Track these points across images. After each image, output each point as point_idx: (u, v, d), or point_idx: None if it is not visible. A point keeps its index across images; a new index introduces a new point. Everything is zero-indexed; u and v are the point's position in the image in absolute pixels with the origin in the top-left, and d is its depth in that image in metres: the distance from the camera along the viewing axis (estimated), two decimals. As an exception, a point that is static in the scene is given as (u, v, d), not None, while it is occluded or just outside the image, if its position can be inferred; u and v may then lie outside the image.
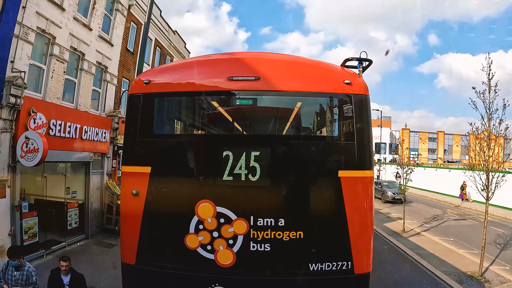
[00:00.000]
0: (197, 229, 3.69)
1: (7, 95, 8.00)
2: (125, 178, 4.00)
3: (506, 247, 13.00)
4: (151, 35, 16.89)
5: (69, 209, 11.15)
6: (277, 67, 4.01)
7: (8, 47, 8.19)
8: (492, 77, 9.83)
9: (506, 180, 10.38)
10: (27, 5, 8.64)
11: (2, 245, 8.12)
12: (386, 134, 62.06)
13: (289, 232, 3.62)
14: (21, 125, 8.57)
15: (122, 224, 4.05)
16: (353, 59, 4.08)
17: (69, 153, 10.82)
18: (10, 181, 8.44)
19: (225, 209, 3.66)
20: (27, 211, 9.15)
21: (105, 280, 8.20)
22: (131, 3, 14.55)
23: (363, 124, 3.77)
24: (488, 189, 10.15)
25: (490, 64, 9.83)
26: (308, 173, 3.79)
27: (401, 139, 27.08)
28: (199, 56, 4.86)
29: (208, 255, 3.70)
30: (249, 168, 3.64)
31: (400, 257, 11.63)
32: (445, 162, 62.50)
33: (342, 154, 3.79)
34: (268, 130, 4.91)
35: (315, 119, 4.61)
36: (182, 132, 5.12)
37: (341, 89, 3.83)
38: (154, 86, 3.98)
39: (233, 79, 3.81)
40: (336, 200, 3.63)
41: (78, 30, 10.98)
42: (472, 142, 11.42)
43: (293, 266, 3.73)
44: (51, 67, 9.93)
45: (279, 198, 3.76)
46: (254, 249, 3.64)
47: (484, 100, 9.90)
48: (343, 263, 3.66)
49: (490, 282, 9.56)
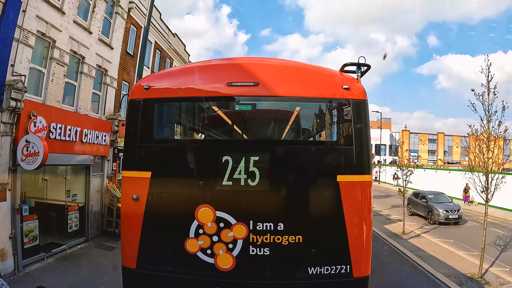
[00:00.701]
0: (197, 234, 3.72)
1: (7, 99, 8.02)
2: (125, 183, 4.03)
3: (506, 248, 13.01)
4: (151, 37, 16.94)
5: (69, 212, 11.16)
6: (276, 73, 4.04)
7: (9, 50, 8.22)
8: (491, 79, 9.86)
9: (505, 182, 10.40)
10: (27, 8, 8.68)
11: (2, 248, 8.14)
12: (386, 136, 62.07)
13: (288, 236, 3.65)
14: (22, 128, 8.59)
15: (122, 228, 4.09)
16: (352, 64, 4.12)
17: (70, 156, 10.83)
18: (10, 184, 8.45)
19: (225, 214, 3.69)
20: (28, 214, 9.14)
21: (106, 283, 8.20)
22: (130, 6, 14.60)
23: (361, 128, 3.80)
24: (487, 190, 10.17)
25: (489, 66, 9.87)
26: (307, 177, 3.82)
27: (401, 141, 27.11)
28: (198, 62, 4.90)
29: (208, 259, 3.72)
30: (249, 173, 3.67)
31: (400, 259, 11.64)
32: (445, 164, 62.45)
33: (341, 158, 3.82)
34: (268, 133, 4.94)
35: (314, 124, 4.64)
36: (182, 137, 5.15)
37: (339, 94, 3.86)
38: (154, 92, 4.01)
39: (233, 84, 3.84)
40: (335, 204, 3.66)
41: (78, 33, 11.02)
42: (471, 143, 11.44)
43: (292, 270, 3.76)
44: (51, 70, 9.96)
45: (278, 202, 3.78)
46: (253, 253, 3.67)
47: (483, 102, 9.92)
48: (341, 267, 3.69)
49: (490, 283, 9.57)
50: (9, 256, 8.32)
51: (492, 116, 9.90)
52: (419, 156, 67.27)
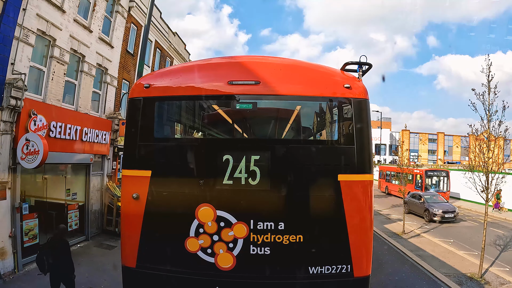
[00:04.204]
0: (197, 233, 3.71)
1: (7, 97, 8.01)
2: (125, 181, 4.02)
3: (506, 248, 13.02)
4: (151, 36, 16.93)
5: (69, 210, 11.16)
6: (277, 71, 4.02)
7: (9, 49, 8.21)
8: (491, 79, 9.85)
9: (505, 182, 10.39)
10: (27, 7, 8.66)
11: (2, 247, 8.14)
12: (386, 135, 62.08)
13: (289, 235, 3.64)
14: (22, 127, 8.58)
15: (122, 227, 4.07)
16: (353, 63, 4.10)
17: (70, 155, 10.82)
18: (10, 183, 8.45)
19: (225, 213, 3.68)
20: (28, 212, 9.15)
21: (105, 282, 8.21)
22: (131, 5, 14.58)
23: (362, 128, 3.78)
24: (487, 190, 10.16)
25: (489, 65, 9.85)
26: (307, 177, 3.80)
27: (401, 140, 27.03)
28: (199, 60, 4.87)
29: (208, 259, 3.71)
30: (249, 172, 3.65)
31: (400, 259, 11.63)
32: (445, 163, 62.47)
33: (342, 158, 3.79)
34: (269, 132, 4.92)
35: (315, 123, 4.62)
36: (182, 135, 5.14)
37: (340, 93, 3.84)
38: (154, 90, 3.99)
39: (233, 83, 3.82)
40: (335, 204, 3.64)
41: (78, 32, 11.00)
42: (471, 143, 11.43)
43: (292, 269, 3.74)
44: (52, 69, 9.95)
45: (279, 201, 3.77)
46: (254, 253, 3.66)
47: (483, 101, 9.91)
48: (342, 267, 3.68)
49: (490, 283, 9.57)
50: (9, 255, 8.32)
51: (493, 115, 9.90)
52: (419, 156, 67.26)
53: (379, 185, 34.13)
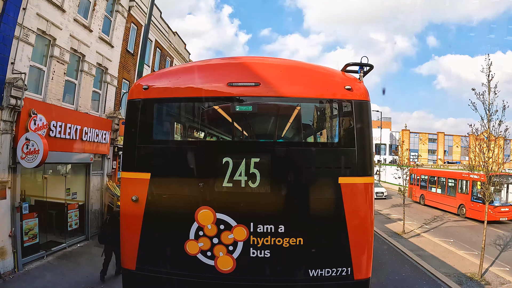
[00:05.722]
0: (197, 235, 3.70)
1: (7, 97, 7.99)
2: (125, 184, 4.00)
3: (506, 248, 13.02)
4: (151, 36, 16.87)
5: (69, 210, 11.13)
6: (277, 72, 3.98)
7: (9, 48, 8.17)
8: (491, 78, 9.84)
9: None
10: (27, 6, 8.62)
11: (2, 246, 8.13)
12: (386, 135, 61.95)
13: (289, 238, 3.62)
14: (22, 126, 8.55)
15: (122, 229, 4.04)
16: (354, 64, 4.07)
17: (70, 155, 10.80)
18: (10, 182, 8.43)
19: (225, 216, 3.67)
20: (28, 212, 9.14)
21: (105, 282, 8.21)
22: (131, 4, 14.53)
23: (363, 129, 3.75)
24: (488, 190, 10.15)
25: (489, 65, 9.84)
26: (308, 179, 3.78)
27: (401, 140, 26.91)
28: (198, 61, 4.84)
29: (208, 261, 3.70)
30: (249, 175, 3.63)
31: (400, 258, 11.64)
32: (445, 163, 62.42)
33: (342, 160, 3.77)
34: (268, 130, 4.89)
35: (315, 125, 4.59)
36: (181, 138, 5.11)
37: (341, 95, 3.81)
38: (154, 92, 3.96)
39: (233, 84, 3.79)
40: (336, 206, 3.63)
41: (78, 31, 10.97)
42: (472, 143, 11.41)
43: (293, 272, 3.73)
44: (52, 68, 9.92)
45: (279, 204, 3.75)
46: (254, 256, 3.65)
47: (483, 101, 9.90)
48: (342, 269, 3.67)
49: (490, 283, 9.58)
50: (9, 254, 8.31)
51: (493, 115, 9.88)
52: (419, 156, 67.18)
53: (410, 192, 26.56)
